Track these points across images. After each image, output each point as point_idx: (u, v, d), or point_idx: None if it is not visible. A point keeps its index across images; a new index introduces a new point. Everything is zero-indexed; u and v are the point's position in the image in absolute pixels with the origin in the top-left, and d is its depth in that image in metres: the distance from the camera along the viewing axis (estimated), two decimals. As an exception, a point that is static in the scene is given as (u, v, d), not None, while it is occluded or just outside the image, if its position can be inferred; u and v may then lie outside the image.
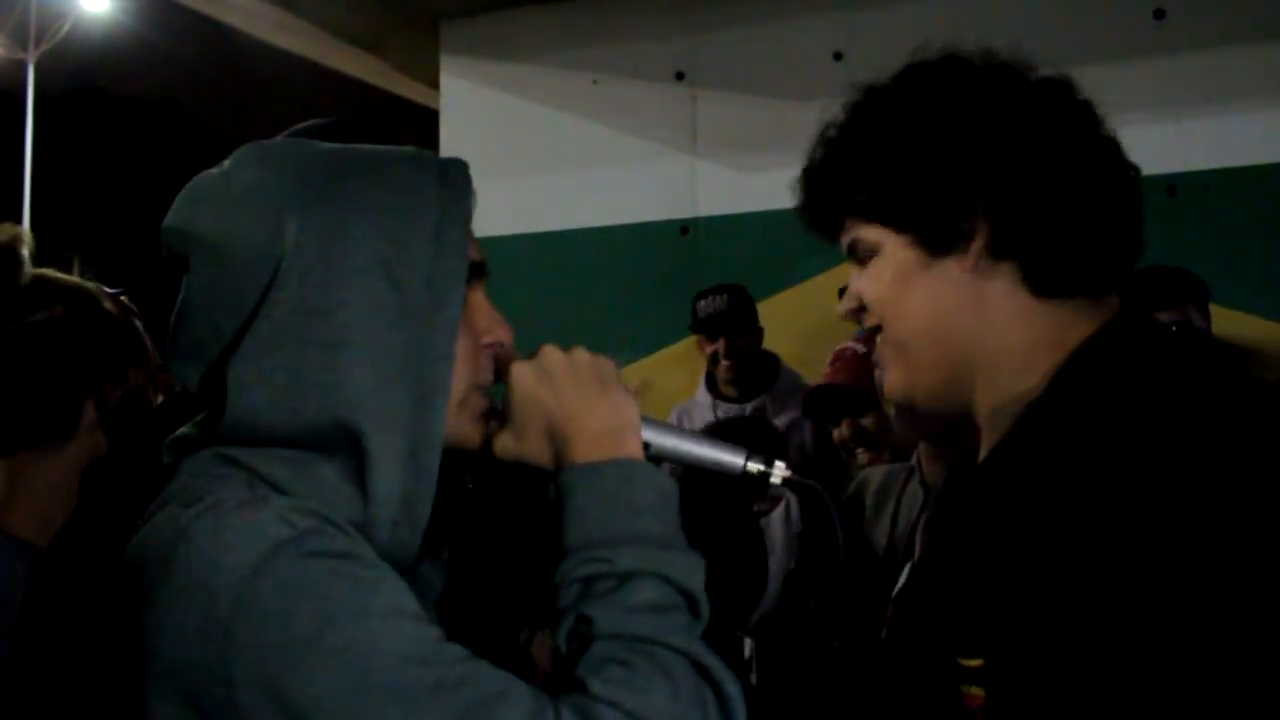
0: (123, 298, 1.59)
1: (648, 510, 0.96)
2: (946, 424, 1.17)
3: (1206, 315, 3.05)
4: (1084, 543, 0.90)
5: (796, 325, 3.60)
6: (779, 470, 1.07)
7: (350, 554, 0.90)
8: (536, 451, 1.03)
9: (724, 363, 3.53)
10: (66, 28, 24.08)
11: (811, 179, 1.16)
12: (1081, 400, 1.01)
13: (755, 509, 3.43)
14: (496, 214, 4.78)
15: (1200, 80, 3.82)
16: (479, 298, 1.06)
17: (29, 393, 1.39)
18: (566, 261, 4.72)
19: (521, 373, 1.04)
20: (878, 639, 1.18)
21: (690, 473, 1.12)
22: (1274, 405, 0.99)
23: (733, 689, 0.91)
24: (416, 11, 4.98)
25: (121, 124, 27.28)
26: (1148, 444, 0.93)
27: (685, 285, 4.22)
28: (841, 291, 1.19)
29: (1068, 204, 1.05)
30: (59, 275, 1.51)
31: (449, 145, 5.00)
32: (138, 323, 1.54)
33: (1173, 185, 3.81)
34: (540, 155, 4.84)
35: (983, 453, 1.11)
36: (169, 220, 1.01)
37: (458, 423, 1.02)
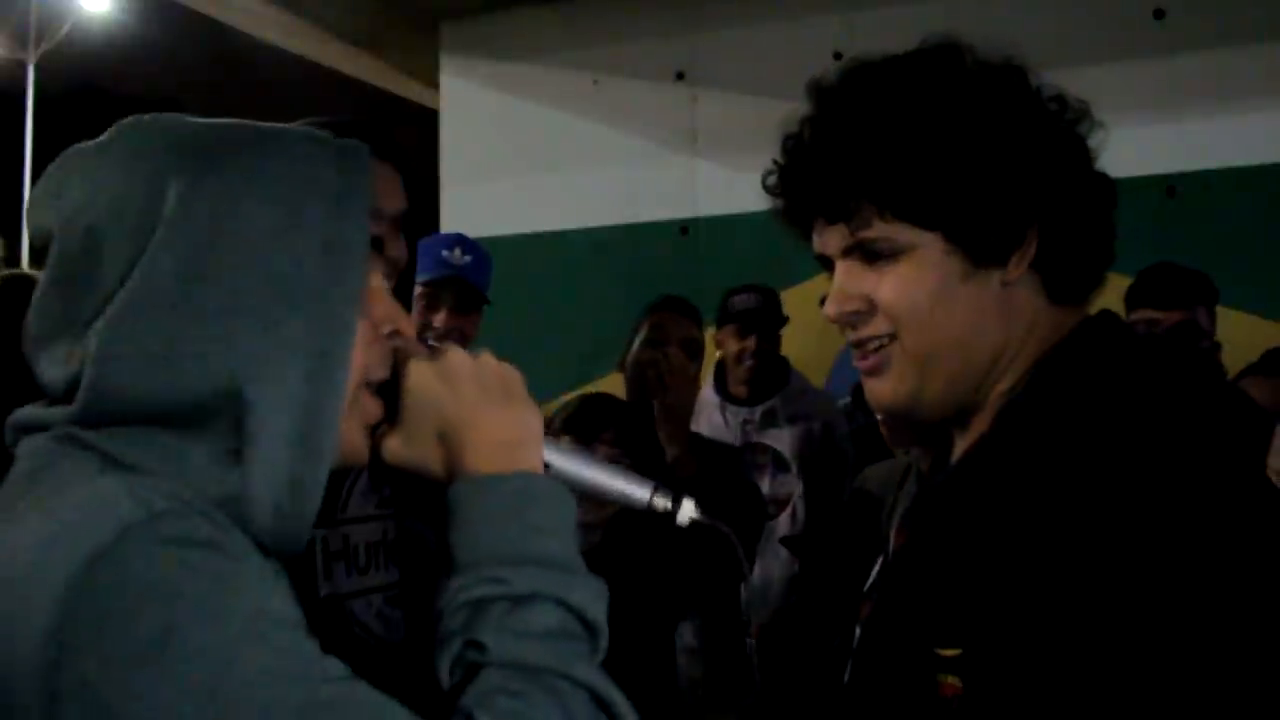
0: None
1: (548, 530, 0.88)
2: (940, 427, 1.15)
3: (1213, 315, 3.04)
4: (1060, 534, 0.91)
5: (796, 326, 3.60)
6: (686, 510, 1.00)
7: (213, 544, 0.77)
8: (428, 457, 0.94)
9: (749, 362, 3.51)
10: (67, 28, 24.09)
11: (824, 162, 1.06)
12: (1056, 397, 1.02)
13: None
14: (496, 214, 4.80)
15: (1200, 80, 3.82)
16: (378, 283, 0.94)
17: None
18: (566, 261, 4.72)
19: (420, 370, 0.94)
20: (852, 634, 1.18)
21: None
22: (1222, 398, 1.02)
23: (629, 714, 0.84)
24: (416, 11, 4.98)
25: (121, 124, 27.21)
26: (1121, 438, 0.95)
27: (685, 285, 4.21)
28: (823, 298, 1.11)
29: (1097, 217, 1.08)
30: (28, 272, 1.51)
31: (449, 145, 5.00)
32: None
33: (1173, 185, 3.81)
34: (540, 155, 4.85)
35: (962, 446, 1.12)
36: (34, 192, 0.89)
37: (344, 429, 0.89)
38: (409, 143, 1.78)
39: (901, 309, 1.04)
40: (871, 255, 1.05)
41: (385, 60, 5.62)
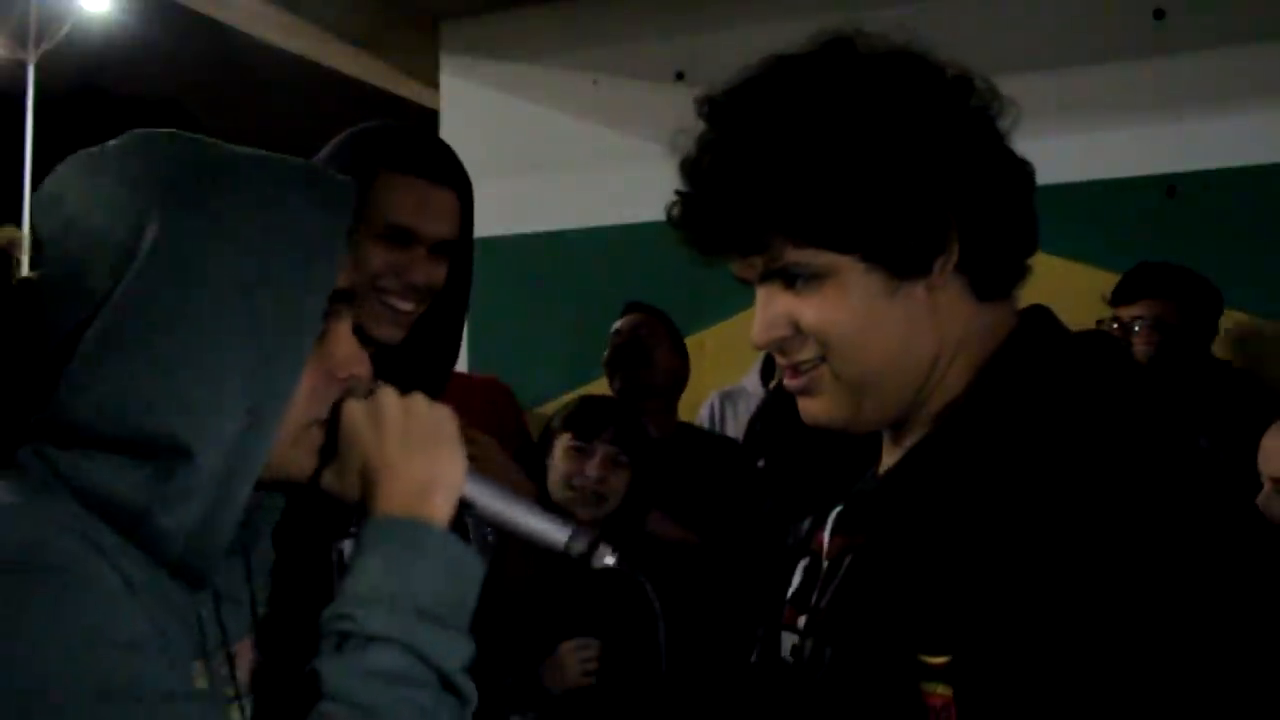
0: None
1: (421, 578, 0.92)
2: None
3: (1191, 310, 3.04)
4: (1039, 533, 0.90)
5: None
6: (602, 557, 1.02)
7: (61, 568, 0.83)
8: (353, 491, 0.99)
9: None
10: (67, 28, 24.07)
11: (724, 197, 1.02)
12: (1003, 398, 1.01)
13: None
14: (496, 214, 4.80)
15: (1200, 80, 3.82)
16: (343, 329, 1.01)
17: None
18: (566, 261, 4.72)
19: (351, 410, 0.99)
20: (776, 642, 1.14)
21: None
22: (1145, 395, 1.01)
23: None
24: (416, 11, 4.97)
25: (122, 124, 27.15)
26: (1077, 432, 0.94)
27: (685, 285, 4.21)
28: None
29: (1017, 210, 1.05)
30: None
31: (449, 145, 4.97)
32: None
33: (1173, 185, 3.81)
34: (540, 155, 4.84)
35: (898, 451, 1.09)
36: (40, 190, 0.96)
37: (292, 455, 0.97)
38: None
39: (827, 334, 1.02)
40: (790, 279, 1.03)
41: (385, 60, 5.61)
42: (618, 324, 3.53)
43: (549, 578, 2.32)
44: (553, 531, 1.03)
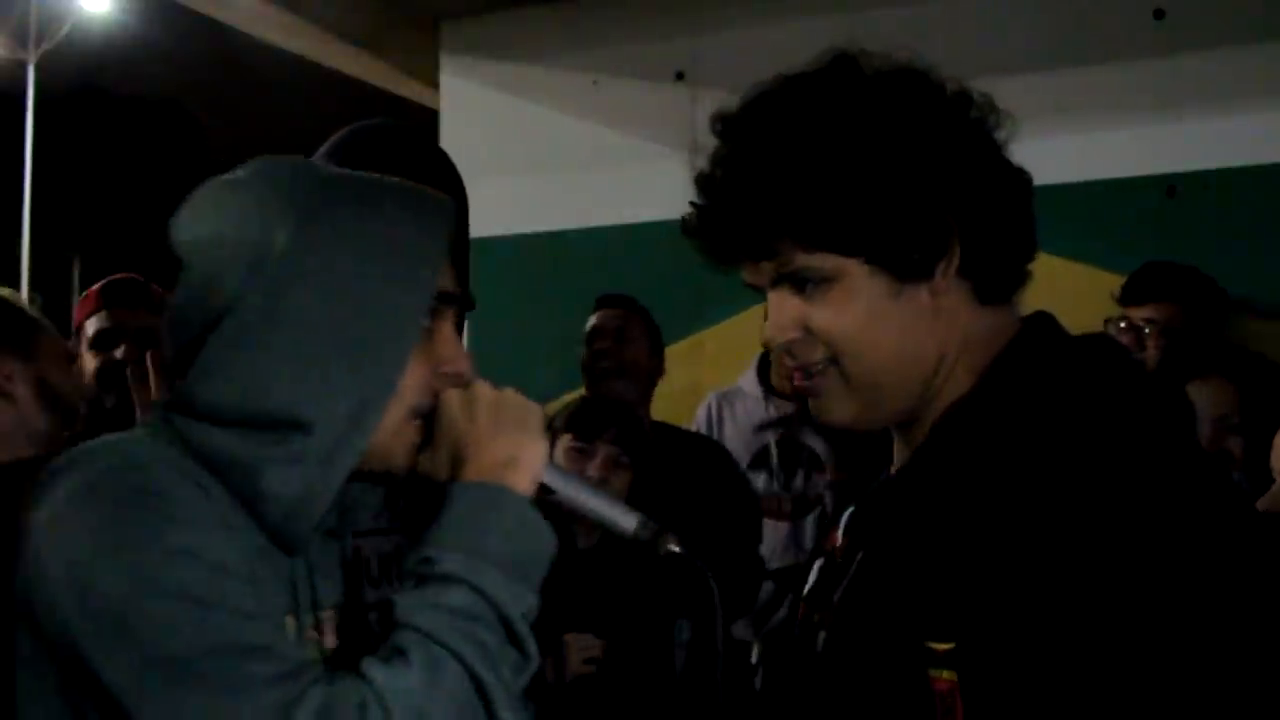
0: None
1: (496, 534, 1.02)
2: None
3: (1199, 311, 3.04)
4: (1040, 526, 0.93)
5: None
6: (666, 544, 1.11)
7: (167, 493, 0.99)
8: (443, 470, 1.09)
9: None
10: (67, 28, 24.07)
11: (734, 205, 1.09)
12: (1005, 396, 1.04)
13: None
14: (496, 214, 4.81)
15: (1200, 80, 3.82)
16: (446, 328, 1.13)
17: None
18: (566, 261, 4.72)
19: (449, 398, 1.10)
20: (793, 637, 1.19)
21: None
22: (1149, 390, 1.06)
23: (505, 715, 0.96)
24: (416, 11, 4.98)
25: (122, 124, 27.28)
26: (1079, 430, 0.97)
27: (685, 285, 4.21)
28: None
29: (1017, 216, 1.09)
30: None
31: (449, 145, 4.95)
32: (40, 322, 1.58)
33: (1173, 185, 3.81)
34: (540, 155, 4.84)
35: (906, 451, 1.13)
36: (182, 214, 1.10)
37: (393, 446, 1.10)
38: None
39: (835, 335, 1.07)
40: (800, 283, 1.08)
41: (386, 60, 5.61)
42: (594, 320, 3.47)
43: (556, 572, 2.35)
44: (622, 519, 1.13)
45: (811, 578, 1.22)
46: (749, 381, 3.68)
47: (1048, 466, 0.96)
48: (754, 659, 3.33)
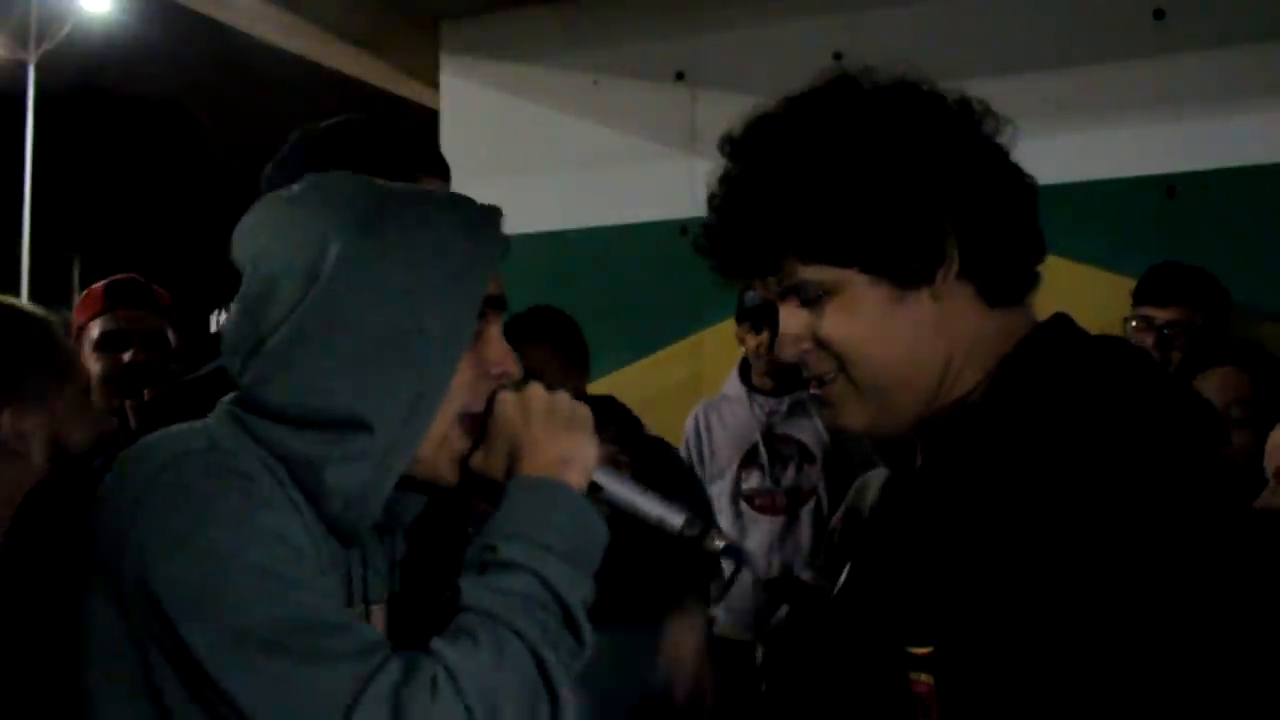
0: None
1: (555, 526, 1.07)
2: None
3: (1216, 314, 3.03)
4: (1025, 531, 0.94)
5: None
6: (713, 540, 1.16)
7: (248, 475, 1.05)
8: (498, 468, 1.14)
9: (766, 356, 3.57)
10: (67, 28, 24.08)
11: (737, 223, 1.13)
12: (1011, 401, 1.05)
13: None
14: (497, 214, 4.79)
15: (1200, 80, 3.82)
16: (495, 331, 1.19)
17: None
18: (566, 261, 4.72)
19: (504, 399, 1.15)
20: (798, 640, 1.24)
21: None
22: (1172, 396, 1.07)
23: (565, 694, 1.00)
24: (417, 11, 4.98)
25: (122, 124, 27.28)
26: (1077, 438, 0.98)
27: (685, 285, 4.21)
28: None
29: (1018, 218, 1.10)
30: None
31: (449, 145, 4.99)
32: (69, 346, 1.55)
33: (1173, 185, 3.81)
34: (540, 155, 4.84)
35: (923, 451, 1.15)
36: (239, 229, 1.16)
37: (442, 451, 1.14)
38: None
39: (842, 345, 1.10)
40: (805, 296, 1.12)
41: (385, 60, 5.62)
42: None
43: None
44: (670, 516, 1.17)
45: (841, 581, 1.26)
46: (733, 386, 3.74)
47: (1034, 471, 0.96)
48: (758, 660, 3.34)
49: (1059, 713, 0.91)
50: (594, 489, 1.14)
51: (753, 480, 3.58)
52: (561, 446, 1.12)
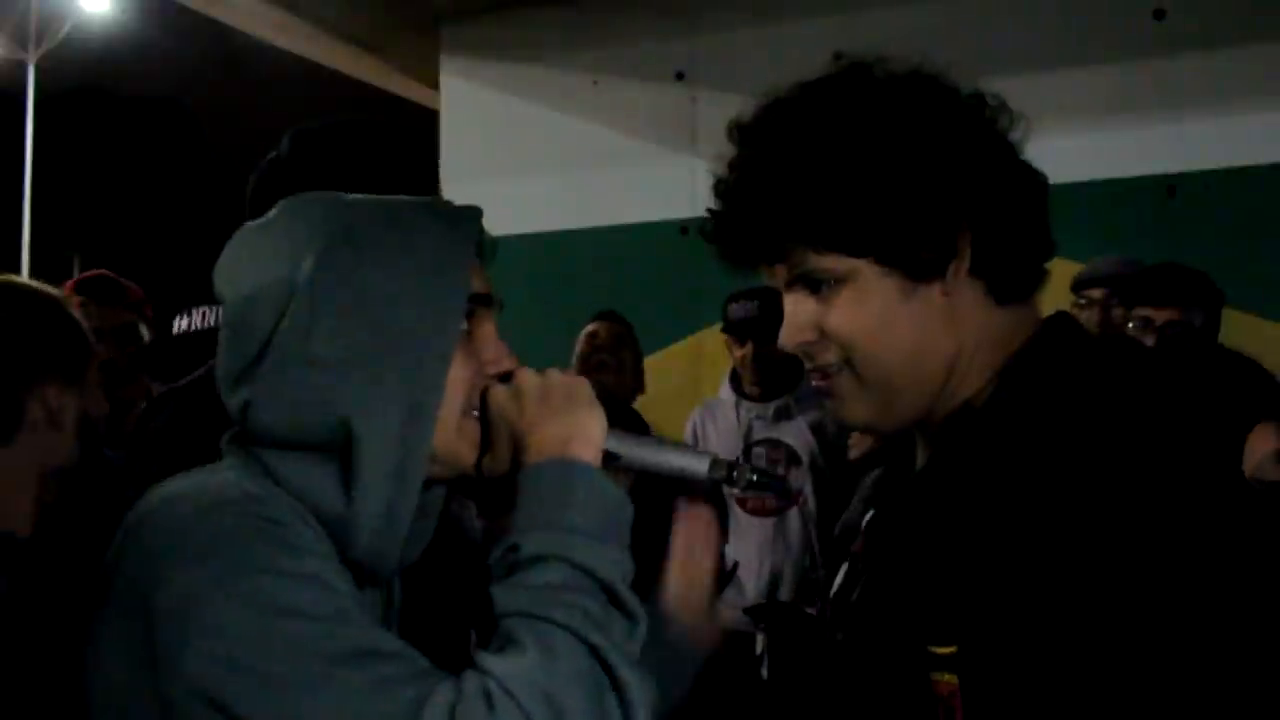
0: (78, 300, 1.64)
1: (573, 506, 1.02)
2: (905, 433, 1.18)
3: (1212, 315, 3.04)
4: (1044, 531, 0.94)
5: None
6: (744, 475, 1.11)
7: (284, 523, 1.01)
8: (504, 464, 1.10)
9: (750, 366, 3.62)
10: (67, 28, 24.07)
11: (746, 210, 1.10)
12: (1022, 399, 1.04)
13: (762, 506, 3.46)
14: (496, 214, 4.81)
15: (1200, 80, 3.82)
16: (486, 329, 1.15)
17: None
18: (566, 261, 4.72)
19: (495, 393, 1.11)
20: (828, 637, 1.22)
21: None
22: (1180, 394, 1.05)
23: (628, 675, 0.94)
24: (417, 12, 4.98)
25: (122, 124, 27.28)
26: (1090, 435, 0.97)
27: (684, 285, 4.21)
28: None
29: (1029, 213, 1.09)
30: (13, 279, 1.56)
31: (449, 146, 5.00)
32: (83, 328, 1.58)
33: (1173, 185, 3.81)
34: (540, 155, 4.85)
35: (926, 453, 1.14)
36: (219, 264, 1.14)
37: (458, 444, 1.10)
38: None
39: (848, 337, 1.08)
40: (813, 285, 1.09)
41: (385, 61, 5.62)
42: (592, 326, 3.66)
43: None
44: (695, 463, 1.12)
45: (838, 581, 1.25)
46: (725, 390, 3.78)
47: (1053, 471, 0.96)
48: (759, 649, 3.35)
49: (1085, 711, 0.91)
50: (609, 459, 1.09)
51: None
52: (562, 424, 1.07)
